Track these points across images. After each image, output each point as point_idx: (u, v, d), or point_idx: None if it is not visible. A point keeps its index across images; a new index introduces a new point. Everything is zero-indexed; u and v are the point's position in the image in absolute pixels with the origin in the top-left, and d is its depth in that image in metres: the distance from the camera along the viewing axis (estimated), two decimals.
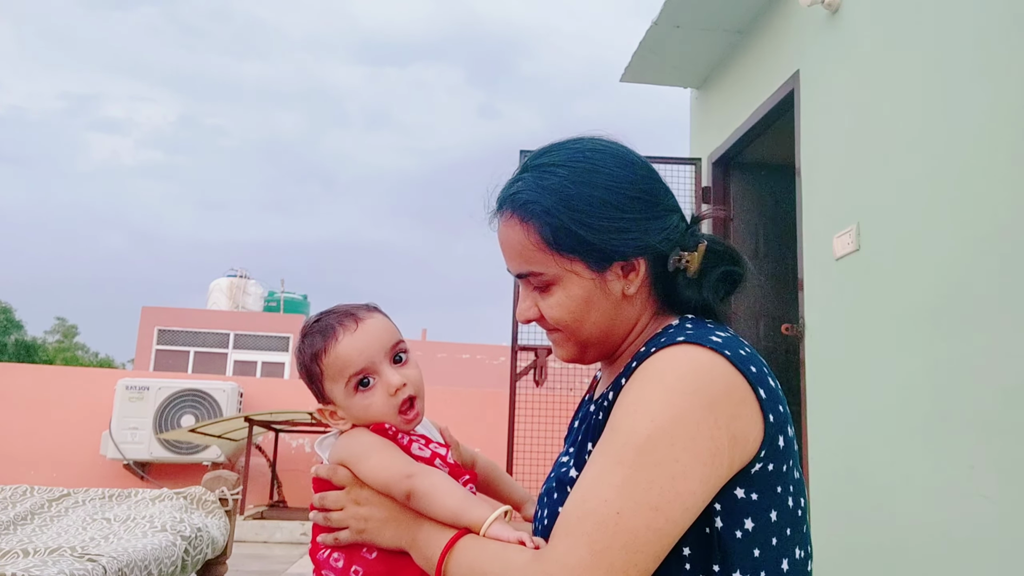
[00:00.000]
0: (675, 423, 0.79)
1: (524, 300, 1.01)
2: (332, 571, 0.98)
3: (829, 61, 3.35)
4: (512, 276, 1.02)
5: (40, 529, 1.79)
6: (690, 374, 0.82)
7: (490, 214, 1.03)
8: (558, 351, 1.03)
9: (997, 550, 2.23)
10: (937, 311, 2.56)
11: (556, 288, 0.96)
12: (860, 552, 2.87)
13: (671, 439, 0.79)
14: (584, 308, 0.96)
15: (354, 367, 1.01)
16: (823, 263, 3.28)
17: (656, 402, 0.81)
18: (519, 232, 0.96)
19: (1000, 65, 2.38)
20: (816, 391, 3.30)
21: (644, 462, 0.78)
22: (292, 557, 4.89)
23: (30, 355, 28.86)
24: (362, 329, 1.03)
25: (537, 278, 0.97)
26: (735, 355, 0.84)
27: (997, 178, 2.35)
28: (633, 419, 0.81)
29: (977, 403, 2.36)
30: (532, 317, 1.00)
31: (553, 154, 0.99)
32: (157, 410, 6.72)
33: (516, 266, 0.98)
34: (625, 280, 0.96)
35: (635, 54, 4.52)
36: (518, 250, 0.97)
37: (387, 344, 1.03)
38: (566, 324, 0.97)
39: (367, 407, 1.02)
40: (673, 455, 0.78)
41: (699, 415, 0.80)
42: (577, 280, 0.95)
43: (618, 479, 0.78)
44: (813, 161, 3.45)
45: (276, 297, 21.70)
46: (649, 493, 0.77)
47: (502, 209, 0.99)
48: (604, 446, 0.83)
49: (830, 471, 3.14)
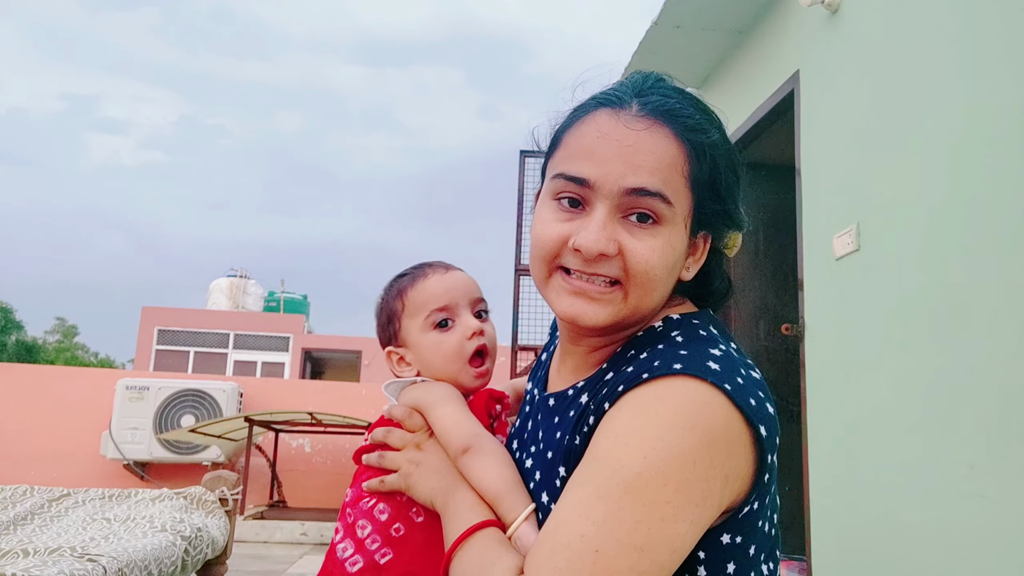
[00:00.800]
0: (670, 461, 0.71)
1: (604, 227, 0.81)
2: (371, 522, 0.94)
3: (829, 61, 3.35)
4: (580, 185, 0.82)
5: (40, 529, 1.79)
6: (687, 408, 0.74)
7: (574, 101, 0.88)
8: (591, 309, 0.83)
9: (997, 550, 2.23)
10: (937, 311, 2.56)
11: (662, 229, 0.82)
12: (860, 552, 2.87)
13: (664, 478, 0.71)
14: (673, 267, 0.84)
15: (436, 303, 1.02)
16: (823, 263, 3.28)
17: (650, 437, 0.72)
18: (671, 149, 0.82)
19: (1000, 65, 2.38)
20: (816, 391, 3.30)
21: (632, 500, 0.70)
22: (292, 557, 4.89)
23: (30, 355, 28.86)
24: (451, 274, 1.05)
25: (659, 207, 0.81)
26: (734, 388, 0.76)
27: (997, 178, 2.35)
28: (622, 452, 0.73)
29: (977, 403, 2.36)
30: (609, 252, 0.81)
31: (695, 97, 0.88)
32: (157, 410, 6.72)
33: (645, 179, 0.80)
34: (690, 258, 0.88)
35: (635, 54, 4.52)
36: (660, 165, 0.81)
37: (472, 295, 1.05)
38: (650, 279, 0.81)
39: (439, 345, 1.01)
40: (665, 496, 0.71)
41: (696, 454, 0.72)
42: (682, 233, 0.84)
43: (599, 514, 0.71)
44: (813, 161, 3.45)
45: (276, 297, 21.70)
46: (635, 534, 0.70)
47: (651, 115, 0.83)
48: (585, 476, 0.74)
49: (830, 471, 3.14)
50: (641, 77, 0.88)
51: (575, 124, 0.86)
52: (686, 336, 0.85)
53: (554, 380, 0.99)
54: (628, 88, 0.86)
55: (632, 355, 0.85)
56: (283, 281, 26.23)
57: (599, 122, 0.84)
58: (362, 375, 17.83)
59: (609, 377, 0.84)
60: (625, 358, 0.86)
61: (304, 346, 18.89)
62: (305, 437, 7.04)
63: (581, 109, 0.87)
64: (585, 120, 0.85)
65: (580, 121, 0.86)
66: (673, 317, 0.89)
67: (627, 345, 0.88)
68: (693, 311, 0.91)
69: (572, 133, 0.86)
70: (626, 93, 0.85)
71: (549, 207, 0.86)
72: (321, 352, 19.54)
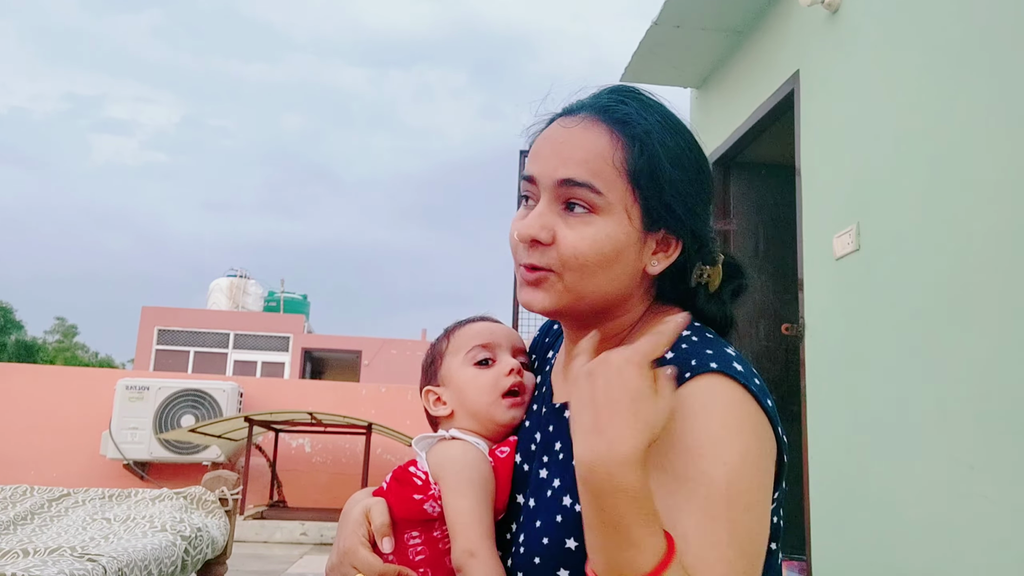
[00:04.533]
0: (743, 461, 0.75)
1: (540, 216, 0.86)
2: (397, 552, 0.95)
3: (829, 61, 3.35)
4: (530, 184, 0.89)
5: (40, 529, 1.79)
6: (733, 407, 0.78)
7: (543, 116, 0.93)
8: (538, 296, 0.88)
9: (997, 550, 2.23)
10: (937, 311, 2.56)
11: (597, 219, 0.85)
12: (860, 552, 2.87)
13: (748, 480, 0.75)
14: (611, 258, 0.86)
15: (480, 340, 1.05)
16: (823, 263, 3.28)
17: (719, 441, 0.75)
18: (602, 141, 0.85)
19: (1000, 64, 2.38)
20: (816, 391, 3.30)
21: (737, 511, 0.73)
22: (292, 557, 4.89)
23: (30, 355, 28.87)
24: (497, 324, 1.10)
25: (588, 196, 0.84)
26: (756, 389, 0.80)
27: (997, 178, 2.35)
28: (705, 464, 0.74)
29: (977, 403, 2.36)
30: (541, 238, 0.86)
31: (643, 93, 0.91)
32: (157, 410, 6.72)
33: (572, 170, 0.85)
34: (654, 256, 0.89)
35: (635, 54, 4.52)
36: (586, 156, 0.85)
37: (515, 343, 1.09)
38: (581, 264, 0.85)
39: (476, 379, 1.03)
40: (754, 496, 0.75)
41: (757, 447, 0.77)
42: (624, 224, 0.85)
43: (725, 536, 0.72)
44: (813, 161, 3.45)
45: (276, 297, 21.70)
46: (754, 542, 0.74)
47: (581, 114, 0.88)
48: (679, 499, 0.74)
49: (830, 471, 3.14)
50: (606, 88, 0.93)
51: (539, 134, 0.94)
52: (699, 336, 0.87)
53: (562, 388, 0.99)
54: (586, 98, 0.93)
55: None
56: (283, 281, 26.22)
57: (549, 127, 0.92)
58: (362, 375, 17.83)
59: None
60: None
61: (304, 346, 18.89)
62: (305, 437, 7.04)
63: (548, 121, 0.94)
64: (545, 128, 0.93)
65: (543, 131, 0.94)
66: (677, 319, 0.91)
67: None
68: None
69: (535, 141, 0.94)
70: (579, 102, 0.92)
71: (519, 209, 0.93)
72: (321, 352, 19.54)
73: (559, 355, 1.05)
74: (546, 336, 1.15)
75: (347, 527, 0.97)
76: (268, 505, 6.24)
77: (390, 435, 6.04)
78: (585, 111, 0.89)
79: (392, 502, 0.97)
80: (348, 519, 0.98)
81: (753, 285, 1.00)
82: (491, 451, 1.00)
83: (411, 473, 0.99)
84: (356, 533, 0.95)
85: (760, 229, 4.57)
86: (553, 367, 1.06)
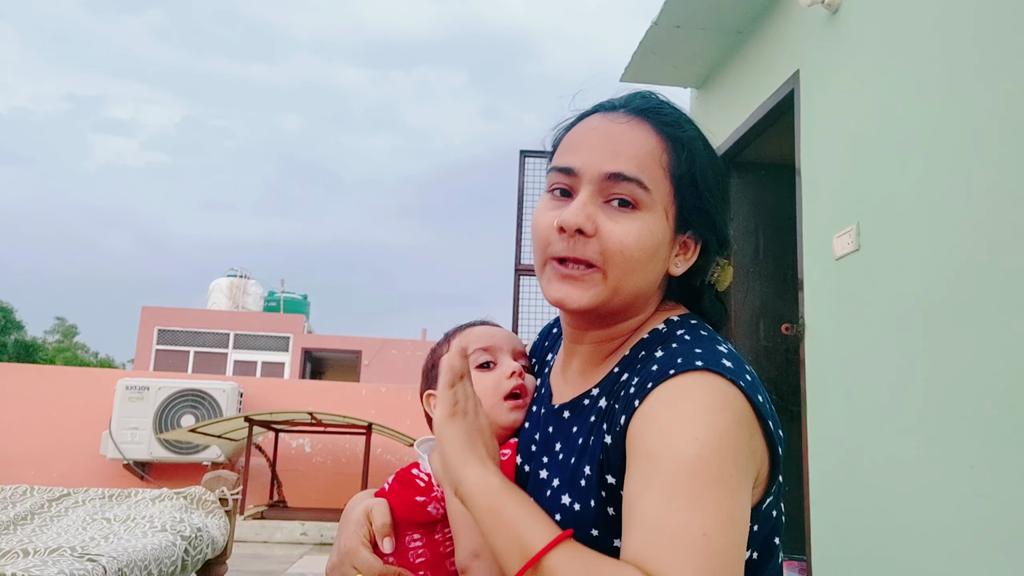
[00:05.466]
0: (718, 437, 0.76)
1: (584, 206, 0.86)
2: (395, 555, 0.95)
3: (829, 61, 3.35)
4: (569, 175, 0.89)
5: (40, 529, 1.79)
6: (714, 394, 0.79)
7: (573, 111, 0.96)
8: (575, 292, 0.87)
9: (997, 550, 2.23)
10: (937, 311, 2.56)
11: (642, 215, 0.87)
12: (860, 552, 2.87)
13: (719, 454, 0.75)
14: (651, 252, 0.87)
15: (480, 343, 1.07)
16: (823, 263, 3.28)
17: (695, 421, 0.77)
18: (650, 141, 0.88)
19: (1000, 64, 2.38)
20: (816, 391, 3.30)
21: (703, 481, 0.74)
22: (292, 557, 4.89)
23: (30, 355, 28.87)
24: (497, 328, 1.12)
25: (636, 192, 0.86)
26: (746, 385, 0.81)
27: (997, 178, 2.35)
28: (675, 441, 0.76)
29: (977, 403, 2.36)
30: (587, 229, 0.86)
31: (677, 107, 0.95)
32: (157, 410, 6.72)
33: (622, 165, 0.86)
34: (677, 257, 0.92)
35: (635, 54, 4.52)
36: (637, 153, 0.87)
37: (515, 347, 1.10)
38: (625, 259, 0.86)
39: (477, 382, 1.03)
40: (725, 470, 0.75)
41: (733, 430, 0.78)
42: (663, 224, 0.88)
43: (686, 502, 0.73)
44: (813, 161, 3.45)
45: (276, 297, 21.70)
46: (720, 510, 0.74)
47: (634, 113, 0.91)
48: (648, 474, 0.76)
49: (830, 471, 3.14)
50: (633, 92, 0.97)
51: (572, 128, 0.95)
52: (693, 335, 0.88)
53: (561, 389, 1.00)
54: (621, 97, 0.96)
55: (644, 355, 0.88)
56: (283, 281, 26.22)
57: (589, 121, 0.93)
58: (362, 375, 17.82)
59: (625, 378, 0.88)
60: (637, 359, 0.89)
61: (304, 346, 18.89)
62: (305, 437, 7.04)
63: (578, 117, 0.96)
64: (579, 123, 0.94)
65: (575, 125, 0.95)
66: (674, 319, 0.93)
67: (636, 347, 0.91)
68: (687, 312, 0.96)
69: (568, 134, 0.95)
70: (617, 101, 0.95)
71: (544, 200, 0.93)
72: (321, 352, 19.54)
73: (558, 357, 1.06)
74: (545, 340, 1.16)
75: (348, 527, 0.97)
76: (268, 505, 6.24)
77: (390, 435, 6.05)
78: (627, 110, 0.91)
79: (394, 503, 0.97)
80: (349, 519, 0.98)
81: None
82: None
83: (414, 475, 0.99)
84: (357, 533, 0.95)
85: (760, 229, 4.56)
86: (552, 369, 1.06)
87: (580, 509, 0.85)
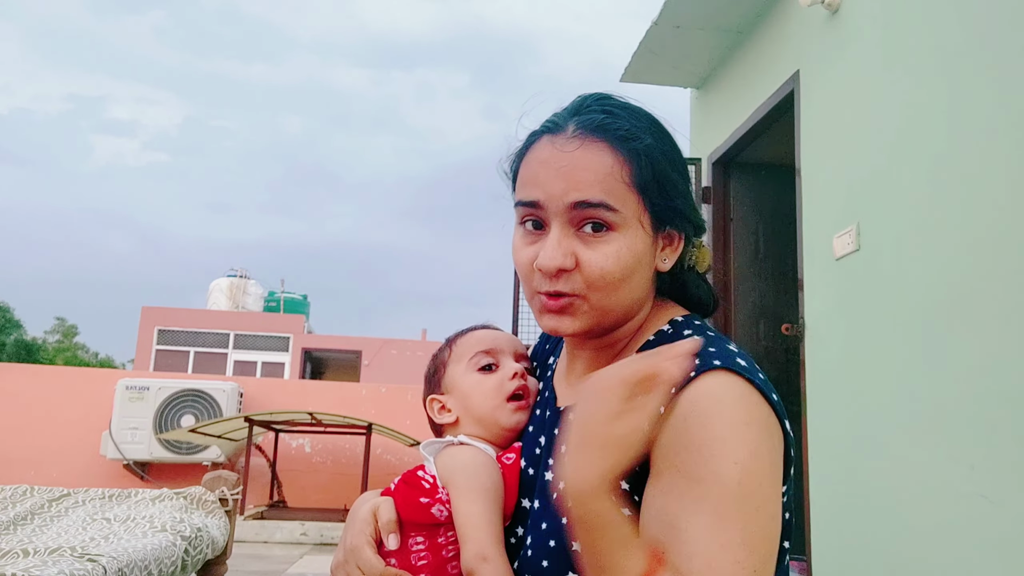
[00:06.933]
0: (754, 459, 0.75)
1: (559, 244, 0.86)
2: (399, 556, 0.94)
3: (829, 61, 3.35)
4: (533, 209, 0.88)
5: (40, 529, 1.79)
6: (740, 403, 0.78)
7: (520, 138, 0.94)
8: (565, 322, 0.88)
9: (997, 550, 2.23)
10: (937, 311, 2.56)
11: (616, 235, 0.86)
12: (860, 552, 2.87)
13: (759, 478, 0.75)
14: (633, 268, 0.87)
15: (482, 346, 1.07)
16: (823, 263, 3.28)
17: (729, 439, 0.75)
18: (607, 160, 0.86)
19: (1000, 64, 2.37)
20: (816, 391, 3.30)
21: (748, 511, 0.74)
22: (292, 557, 4.89)
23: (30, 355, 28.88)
24: (498, 331, 1.12)
25: (605, 215, 0.85)
26: (761, 383, 0.80)
27: (997, 178, 2.35)
28: (716, 464, 0.75)
29: (977, 403, 2.36)
30: (567, 266, 0.85)
31: (623, 99, 0.93)
32: (157, 410, 6.72)
33: (583, 192, 0.85)
34: (663, 252, 0.91)
35: (635, 54, 4.52)
36: (598, 178, 0.85)
37: (517, 349, 1.09)
38: (609, 282, 0.86)
39: (480, 384, 1.03)
40: (764, 494, 0.75)
41: (767, 444, 0.77)
42: (640, 233, 0.87)
43: (736, 536, 0.72)
44: (813, 161, 3.45)
45: (276, 297, 21.71)
46: (765, 542, 0.74)
47: (571, 131, 0.88)
48: (690, 499, 0.75)
49: (830, 471, 3.14)
50: (581, 98, 0.93)
51: (523, 157, 0.93)
52: (700, 333, 0.88)
53: (565, 393, 1.00)
54: (567, 111, 0.92)
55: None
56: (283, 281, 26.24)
57: (539, 150, 0.90)
58: (362, 375, 17.82)
59: None
60: None
61: (304, 346, 18.89)
62: (305, 437, 7.04)
63: (528, 140, 0.94)
64: (529, 151, 0.92)
65: (526, 152, 0.93)
66: (678, 319, 0.93)
67: (641, 350, 0.91)
68: (688, 313, 0.96)
69: (522, 165, 0.93)
70: (563, 117, 0.91)
71: (519, 233, 0.92)
72: (321, 352, 19.54)
73: (560, 359, 1.06)
74: (546, 343, 1.15)
75: (354, 525, 0.97)
76: (268, 505, 6.24)
77: (390, 435, 6.04)
78: (576, 128, 0.88)
79: (399, 504, 0.97)
80: (355, 517, 0.98)
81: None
82: (498, 457, 1.00)
83: (419, 477, 0.99)
84: (363, 532, 0.95)
85: (760, 229, 4.56)
86: (555, 372, 1.06)
87: None
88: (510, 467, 0.98)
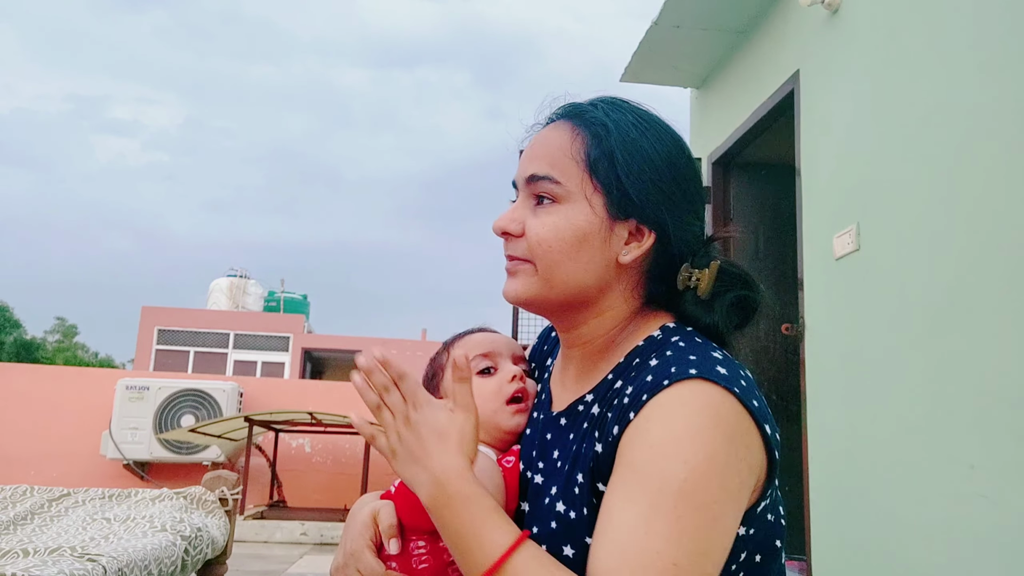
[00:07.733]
0: (708, 461, 0.75)
1: (512, 211, 0.94)
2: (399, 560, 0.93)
3: (829, 61, 3.35)
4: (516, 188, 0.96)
5: (40, 529, 1.79)
6: (707, 408, 0.78)
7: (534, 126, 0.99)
8: (512, 284, 0.94)
9: (997, 550, 2.23)
10: (937, 311, 2.56)
11: (560, 207, 0.90)
12: (860, 552, 2.87)
13: (707, 480, 0.75)
14: (575, 243, 0.89)
15: (480, 349, 1.07)
16: (823, 263, 3.28)
17: (684, 440, 0.76)
18: (564, 137, 0.92)
19: (1000, 64, 2.38)
20: (816, 391, 3.30)
21: (687, 508, 0.74)
22: (292, 557, 4.89)
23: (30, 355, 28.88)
24: (496, 334, 1.13)
25: (548, 187, 0.90)
26: (741, 391, 0.80)
27: (997, 178, 2.35)
28: (664, 462, 0.76)
29: (977, 403, 2.36)
30: (511, 230, 0.93)
31: (623, 100, 0.97)
32: (157, 410, 6.72)
33: (535, 166, 0.92)
34: (627, 245, 0.91)
35: (635, 54, 4.52)
36: (550, 151, 0.92)
37: (515, 351, 1.10)
38: (545, 251, 0.90)
39: (479, 387, 1.02)
40: (712, 496, 0.75)
41: (726, 450, 0.77)
42: (586, 212, 0.89)
43: (664, 528, 0.73)
44: (813, 161, 3.45)
45: (276, 297, 21.70)
46: (698, 540, 0.74)
47: (559, 117, 0.95)
48: (633, 490, 0.77)
49: (830, 471, 3.14)
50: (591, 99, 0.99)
51: None
52: (688, 342, 0.88)
53: (559, 396, 1.00)
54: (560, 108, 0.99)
55: (638, 363, 0.88)
56: (283, 281, 26.24)
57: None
58: None
59: (619, 386, 0.87)
60: (631, 366, 0.89)
61: (304, 346, 18.89)
62: (305, 437, 7.04)
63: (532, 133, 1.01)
64: None
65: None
66: (670, 326, 0.92)
67: (630, 354, 0.91)
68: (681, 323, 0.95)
69: None
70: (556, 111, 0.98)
71: None
72: (321, 352, 19.53)
73: (556, 361, 1.05)
74: (544, 344, 1.15)
75: (354, 529, 0.97)
76: (268, 505, 6.25)
77: None
78: (560, 116, 0.96)
79: (400, 508, 0.96)
80: (355, 521, 0.98)
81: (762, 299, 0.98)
82: (498, 460, 1.00)
83: None
84: (363, 536, 0.95)
85: (760, 229, 4.56)
86: (552, 375, 1.06)
87: (575, 517, 0.85)
88: (510, 471, 0.98)
